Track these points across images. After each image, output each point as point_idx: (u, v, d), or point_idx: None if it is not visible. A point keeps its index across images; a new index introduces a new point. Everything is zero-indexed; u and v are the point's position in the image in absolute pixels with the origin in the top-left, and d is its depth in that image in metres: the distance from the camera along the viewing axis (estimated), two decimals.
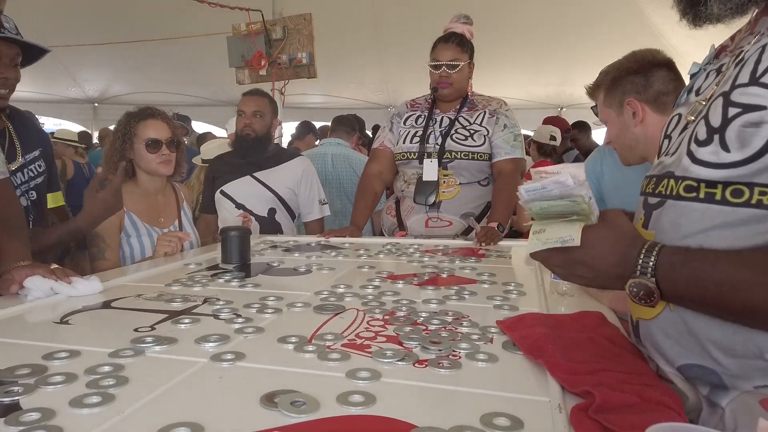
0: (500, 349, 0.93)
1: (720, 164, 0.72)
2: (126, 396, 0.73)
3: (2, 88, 1.67)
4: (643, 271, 0.76)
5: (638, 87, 1.54)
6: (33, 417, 0.66)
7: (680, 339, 0.79)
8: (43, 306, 1.21)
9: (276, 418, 0.67)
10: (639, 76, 1.54)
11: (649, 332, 0.86)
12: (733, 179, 0.70)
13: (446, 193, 2.29)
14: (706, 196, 0.73)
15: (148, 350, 0.90)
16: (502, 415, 0.68)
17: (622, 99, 1.56)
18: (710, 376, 0.76)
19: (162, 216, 2.10)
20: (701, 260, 0.72)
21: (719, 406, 0.75)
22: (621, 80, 1.56)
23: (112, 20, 6.66)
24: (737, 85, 0.73)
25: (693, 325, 0.77)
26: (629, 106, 1.55)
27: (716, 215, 0.72)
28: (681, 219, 0.77)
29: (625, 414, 0.68)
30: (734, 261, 0.69)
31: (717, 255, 0.71)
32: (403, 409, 0.70)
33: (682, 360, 0.80)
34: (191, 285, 1.38)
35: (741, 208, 0.70)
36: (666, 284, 0.74)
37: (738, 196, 0.70)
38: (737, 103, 0.71)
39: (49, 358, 0.85)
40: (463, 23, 2.35)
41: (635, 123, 1.55)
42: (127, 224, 1.99)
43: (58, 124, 12.06)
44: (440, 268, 1.61)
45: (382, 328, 1.03)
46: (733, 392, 0.73)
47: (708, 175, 0.73)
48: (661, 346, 0.83)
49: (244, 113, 2.57)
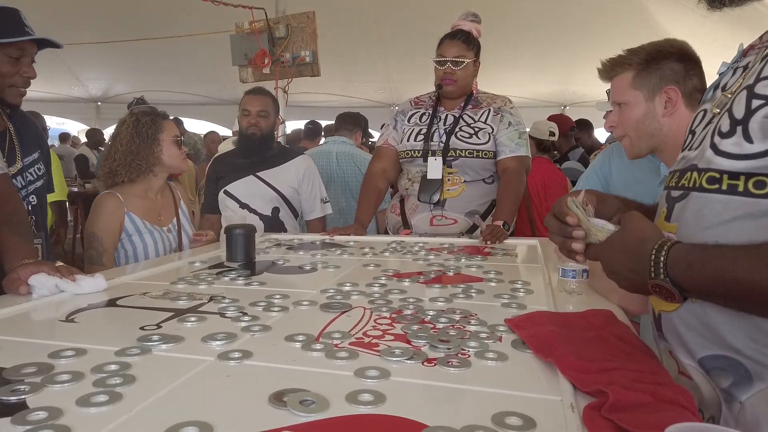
0: (509, 347, 0.92)
1: (743, 155, 0.72)
2: (133, 395, 0.72)
3: (23, 86, 1.71)
4: (656, 272, 0.76)
5: (678, 76, 1.44)
6: (40, 416, 0.65)
7: (703, 330, 0.79)
8: (47, 304, 1.20)
9: (285, 417, 0.66)
10: (680, 65, 1.44)
11: (671, 324, 0.86)
12: (756, 170, 0.70)
13: (451, 191, 2.28)
14: (729, 188, 0.73)
15: (155, 348, 0.89)
16: (514, 414, 0.67)
17: (659, 84, 1.45)
18: (736, 367, 0.75)
19: (161, 214, 2.13)
20: (720, 258, 0.71)
21: (737, 401, 0.74)
22: (660, 64, 1.45)
23: (115, 19, 6.66)
24: (762, 78, 0.73)
25: (715, 316, 0.77)
26: (666, 94, 1.44)
27: (738, 206, 0.72)
28: (704, 210, 0.77)
29: (638, 413, 0.67)
30: (754, 257, 0.69)
31: (736, 252, 0.71)
32: (413, 408, 0.69)
33: (704, 352, 0.79)
34: (197, 283, 1.38)
35: (763, 200, 0.70)
36: (687, 284, 0.75)
37: (761, 188, 0.70)
38: (761, 95, 0.72)
39: (55, 357, 0.85)
40: (471, 21, 2.34)
41: (665, 113, 1.45)
42: (127, 224, 2.01)
43: (62, 123, 12.07)
44: (446, 266, 1.60)
45: (389, 326, 1.02)
46: (758, 385, 0.73)
47: (731, 166, 0.73)
48: (683, 338, 0.83)
49: (249, 112, 2.57)
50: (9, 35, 1.62)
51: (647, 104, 1.46)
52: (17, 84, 1.69)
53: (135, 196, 2.05)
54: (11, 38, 1.62)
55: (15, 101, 1.72)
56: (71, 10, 6.38)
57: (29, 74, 1.70)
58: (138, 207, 2.04)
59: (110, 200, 2.00)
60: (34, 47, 1.71)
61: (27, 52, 1.68)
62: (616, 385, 0.72)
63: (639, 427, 0.64)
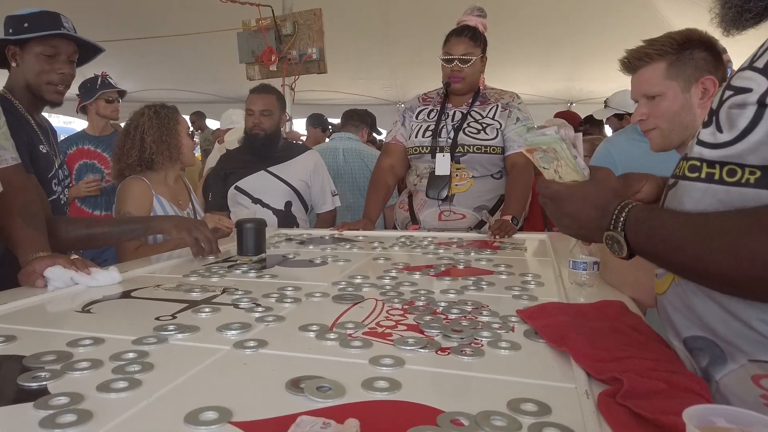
0: (522, 337, 0.92)
1: (716, 144, 0.75)
2: (152, 381, 0.73)
3: (60, 84, 1.73)
4: (615, 225, 0.82)
5: (710, 66, 1.41)
6: (62, 401, 0.66)
7: (686, 312, 0.82)
8: (63, 296, 1.22)
9: (303, 403, 0.67)
10: (709, 54, 1.42)
11: (662, 306, 0.90)
12: (727, 159, 0.73)
13: (459, 187, 2.28)
14: (707, 176, 0.76)
15: (171, 338, 0.91)
16: (530, 401, 0.67)
17: (695, 74, 1.41)
18: (712, 347, 0.78)
19: (180, 200, 2.20)
20: (657, 218, 0.78)
21: (713, 380, 0.77)
22: (693, 52, 1.41)
23: (121, 18, 6.68)
24: (740, 70, 0.76)
25: (691, 298, 0.80)
26: (702, 84, 1.40)
27: (714, 194, 0.75)
28: (684, 198, 0.80)
29: (653, 400, 0.68)
30: (681, 221, 0.75)
31: (670, 214, 0.77)
32: (429, 395, 0.70)
33: (687, 332, 0.83)
34: (209, 276, 1.39)
35: (734, 188, 0.72)
36: (631, 237, 0.81)
37: (732, 176, 0.72)
38: (732, 86, 0.74)
39: (73, 345, 0.86)
40: (477, 16, 2.34)
41: (700, 104, 1.40)
42: (156, 206, 2.08)
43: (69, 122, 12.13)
44: (456, 259, 1.60)
45: (402, 317, 1.03)
46: (731, 365, 0.76)
47: (708, 155, 0.76)
48: (671, 318, 0.86)
49: (253, 112, 2.58)
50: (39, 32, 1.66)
51: (684, 95, 1.43)
52: (53, 81, 1.71)
53: (157, 182, 2.13)
54: (40, 32, 1.65)
55: (53, 98, 1.74)
56: (78, 10, 6.40)
57: (64, 71, 1.72)
58: (162, 191, 2.13)
59: (138, 183, 2.08)
60: (71, 46, 1.73)
61: (61, 50, 1.71)
62: (630, 373, 0.73)
63: (654, 412, 0.64)
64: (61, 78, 1.72)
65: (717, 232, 0.70)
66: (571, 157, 0.98)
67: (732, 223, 0.69)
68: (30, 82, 1.71)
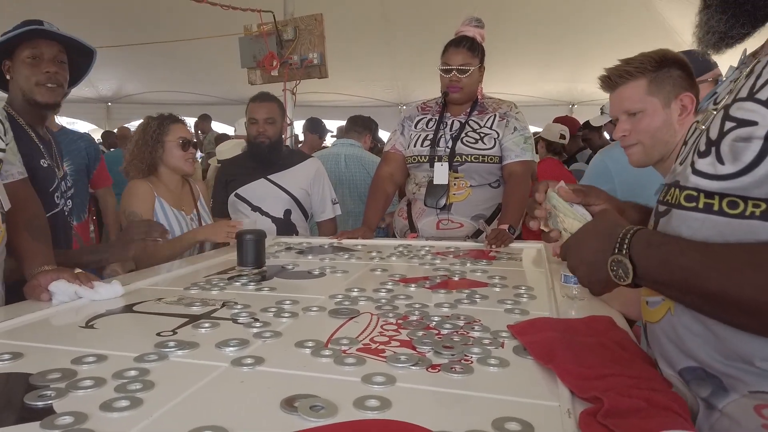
0: (511, 353, 0.95)
1: (716, 176, 0.74)
2: (153, 400, 0.76)
3: (48, 82, 1.72)
4: (620, 248, 0.80)
5: (686, 83, 1.46)
6: (67, 420, 0.70)
7: (680, 343, 0.82)
8: (67, 310, 1.25)
9: (296, 422, 0.70)
10: (683, 72, 1.47)
11: (655, 335, 0.89)
12: (729, 191, 0.73)
13: (457, 196, 2.31)
14: (705, 207, 0.76)
15: (172, 354, 0.94)
16: (513, 419, 0.70)
17: (673, 91, 1.46)
18: (712, 379, 0.78)
19: (183, 205, 2.28)
20: (675, 244, 0.77)
21: (716, 409, 0.77)
22: (670, 70, 1.46)
23: (125, 23, 6.72)
24: (737, 99, 0.75)
25: (689, 330, 0.80)
26: (681, 101, 1.45)
27: (713, 225, 0.75)
28: (681, 228, 0.80)
29: (632, 419, 0.71)
30: (701, 250, 0.74)
31: (689, 243, 0.76)
32: (418, 413, 0.73)
33: (682, 364, 0.82)
34: (209, 288, 1.42)
35: (736, 220, 0.72)
36: (640, 262, 0.78)
37: (734, 208, 0.73)
38: (733, 117, 0.74)
39: (78, 363, 0.89)
40: (475, 26, 2.37)
41: (680, 120, 1.45)
42: (157, 207, 2.17)
43: (72, 123, 12.17)
44: (452, 270, 1.63)
45: (395, 332, 1.06)
46: (733, 395, 0.76)
47: (706, 185, 0.76)
48: (664, 348, 0.86)
49: (257, 121, 2.61)
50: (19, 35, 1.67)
51: (664, 111, 1.47)
52: (41, 81, 1.71)
53: (161, 186, 2.23)
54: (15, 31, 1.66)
55: (45, 99, 1.73)
56: (82, 15, 6.45)
57: (50, 69, 1.71)
58: (164, 194, 2.22)
59: (142, 185, 2.19)
60: (54, 46, 1.73)
61: (44, 50, 1.71)
62: (611, 392, 0.76)
63: (632, 431, 0.67)
64: (47, 77, 1.71)
65: (746, 265, 0.68)
66: (568, 206, 0.98)
67: (762, 257, 0.68)
68: (23, 89, 1.72)
